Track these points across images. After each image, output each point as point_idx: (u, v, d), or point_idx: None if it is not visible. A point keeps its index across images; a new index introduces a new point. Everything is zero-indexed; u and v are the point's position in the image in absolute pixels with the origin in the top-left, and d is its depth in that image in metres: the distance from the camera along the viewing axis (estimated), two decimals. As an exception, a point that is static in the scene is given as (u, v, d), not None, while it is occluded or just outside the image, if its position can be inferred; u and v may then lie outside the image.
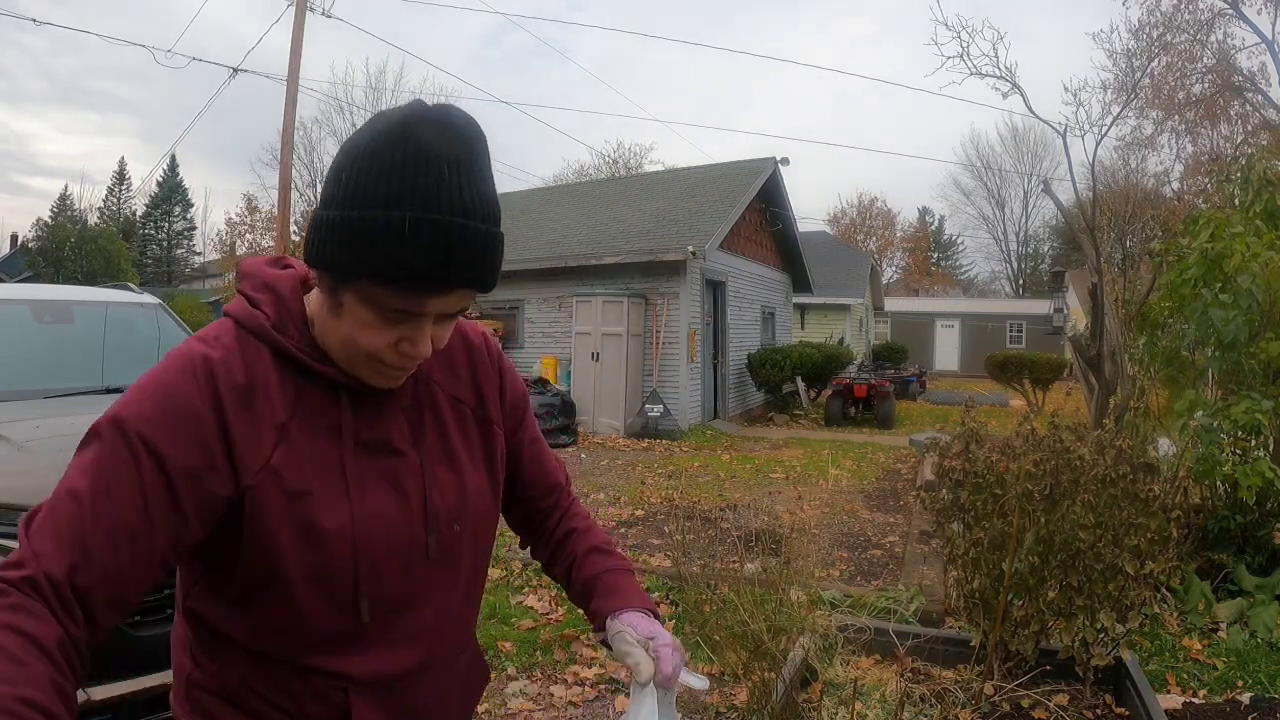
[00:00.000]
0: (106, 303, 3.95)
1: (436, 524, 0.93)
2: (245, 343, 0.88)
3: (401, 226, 0.76)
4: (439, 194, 0.77)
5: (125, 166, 58.42)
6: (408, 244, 0.76)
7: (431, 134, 0.78)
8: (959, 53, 6.99)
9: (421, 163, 0.77)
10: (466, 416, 1.02)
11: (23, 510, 2.19)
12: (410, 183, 0.77)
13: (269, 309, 0.90)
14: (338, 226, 0.79)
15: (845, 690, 2.57)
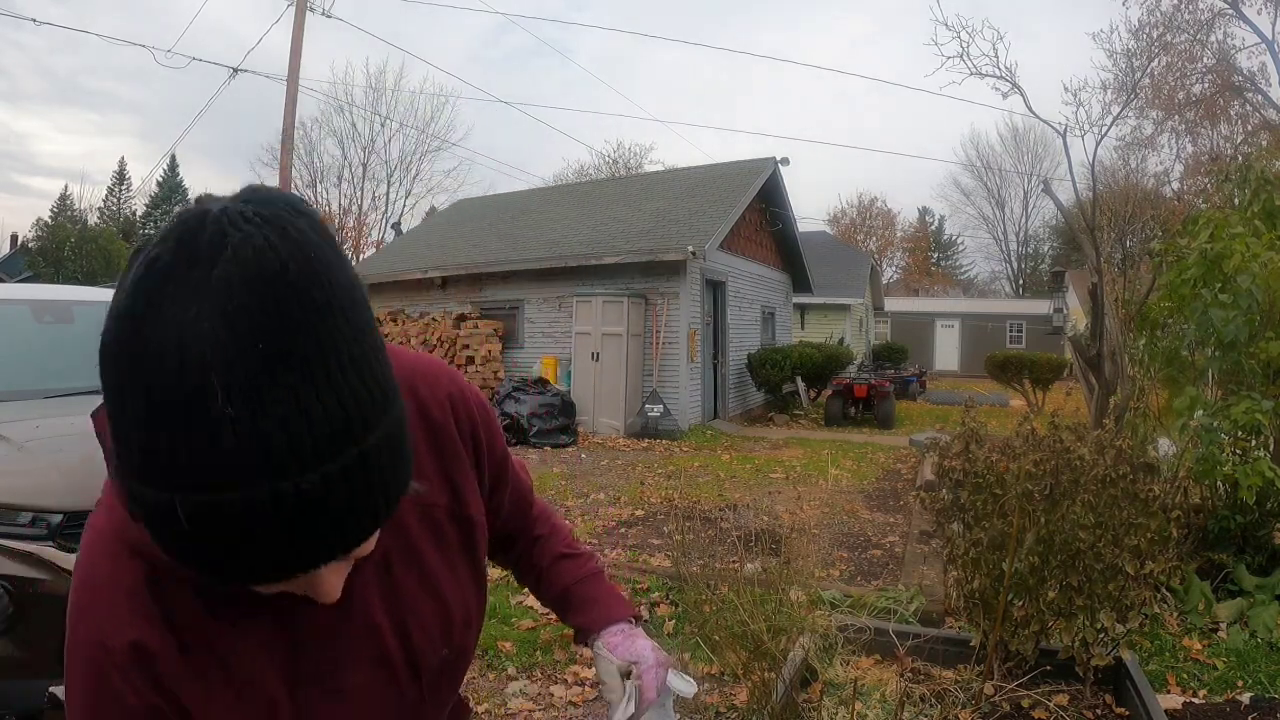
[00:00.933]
0: (106, 303, 3.95)
1: (421, 665, 0.79)
2: (151, 585, 0.64)
3: (172, 513, 0.47)
4: (205, 453, 0.45)
5: (125, 166, 58.37)
6: (194, 538, 0.48)
7: (178, 313, 0.45)
8: (959, 53, 6.99)
9: (164, 389, 0.45)
10: (440, 522, 0.82)
11: (23, 510, 2.19)
12: (155, 434, 0.46)
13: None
14: (134, 502, 0.52)
15: (845, 690, 2.57)
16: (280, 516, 0.47)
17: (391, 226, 26.64)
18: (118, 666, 0.62)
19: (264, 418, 0.45)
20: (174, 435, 0.45)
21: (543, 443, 9.94)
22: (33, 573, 2.12)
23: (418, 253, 14.83)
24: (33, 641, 2.11)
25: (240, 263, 0.45)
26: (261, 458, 0.45)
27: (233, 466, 0.45)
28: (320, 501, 0.48)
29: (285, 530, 0.48)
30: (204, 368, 0.44)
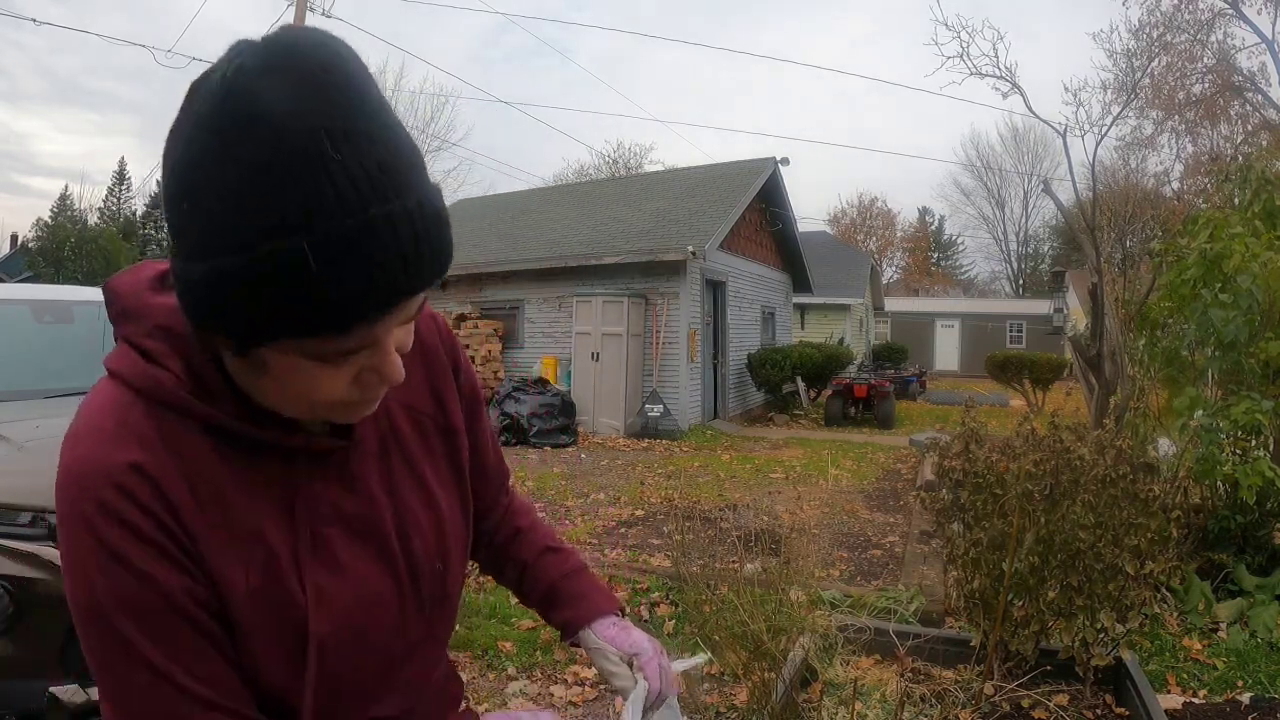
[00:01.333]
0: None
1: (420, 574, 0.81)
2: (158, 421, 0.66)
3: (302, 257, 0.53)
4: (332, 188, 0.53)
5: (125, 167, 58.40)
6: (320, 278, 0.54)
7: (281, 98, 0.53)
8: (959, 53, 7.00)
9: (288, 152, 0.52)
10: (428, 430, 0.86)
11: (23, 510, 2.19)
12: (284, 189, 0.53)
13: (174, 363, 0.67)
14: (212, 287, 0.56)
15: (845, 690, 2.57)
16: (393, 234, 0.56)
17: (391, 226, 26.58)
18: (117, 488, 0.63)
19: (358, 164, 0.54)
20: (294, 184, 0.53)
21: (543, 443, 9.94)
22: (33, 573, 2.12)
23: (418, 253, 14.81)
24: (33, 641, 2.11)
25: (314, 55, 0.55)
26: (369, 189, 0.54)
27: (350, 199, 0.54)
28: (412, 225, 0.57)
29: (396, 246, 0.56)
30: (311, 126, 0.53)
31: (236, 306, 0.56)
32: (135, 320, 0.69)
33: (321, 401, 0.66)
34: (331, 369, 0.63)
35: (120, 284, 0.71)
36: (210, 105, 0.54)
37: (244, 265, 0.54)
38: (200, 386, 0.67)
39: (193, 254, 0.57)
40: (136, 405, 0.66)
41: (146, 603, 0.63)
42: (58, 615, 2.13)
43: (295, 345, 0.60)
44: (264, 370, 0.64)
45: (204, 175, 0.54)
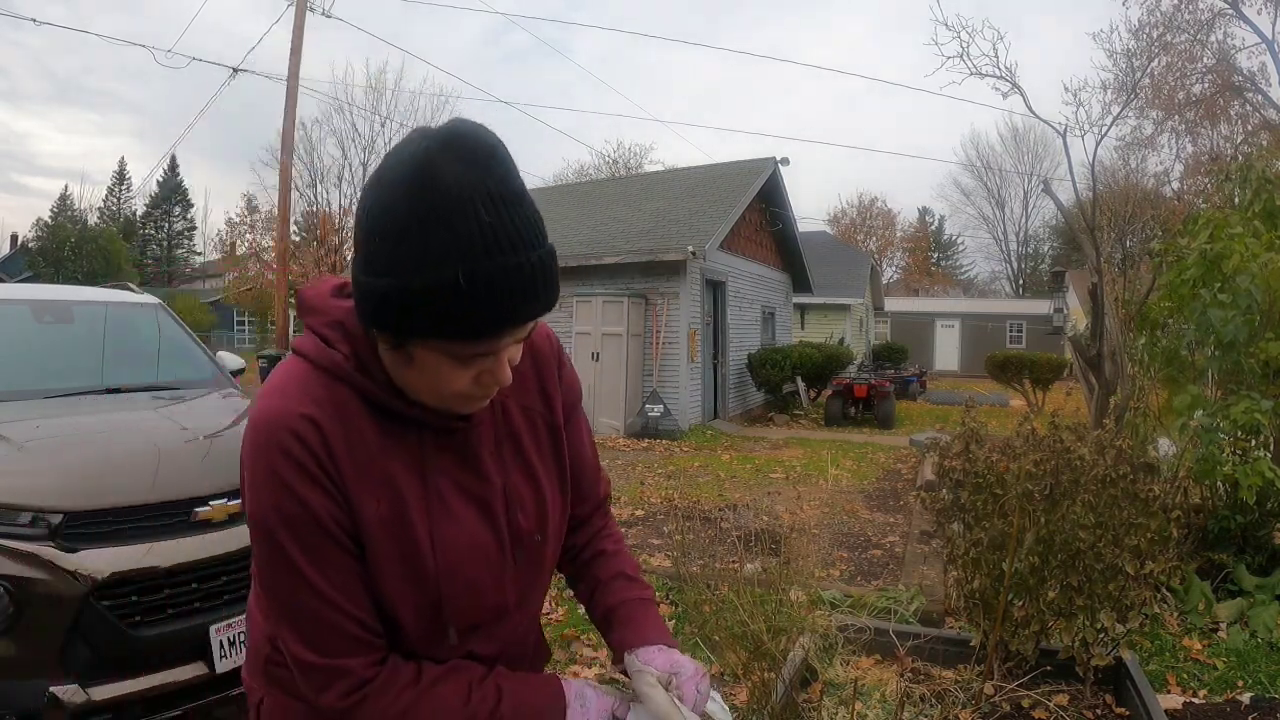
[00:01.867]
0: (106, 303, 3.95)
1: (521, 543, 0.98)
2: (329, 387, 0.87)
3: (455, 283, 0.74)
4: (481, 238, 0.74)
5: (125, 166, 58.38)
6: (466, 299, 0.74)
7: (452, 171, 0.73)
8: (959, 53, 6.99)
9: (453, 209, 0.73)
10: (538, 425, 1.03)
11: (23, 510, 2.19)
12: (449, 234, 0.73)
13: (344, 347, 0.88)
14: (387, 296, 0.77)
15: (845, 690, 2.56)
16: (520, 276, 0.76)
17: (392, 226, 26.57)
18: (293, 433, 0.83)
19: (502, 224, 0.75)
20: (458, 232, 0.73)
21: (543, 443, 9.93)
22: (33, 573, 2.12)
23: (418, 253, 14.80)
24: (33, 641, 2.11)
25: (476, 145, 0.76)
26: (508, 242, 0.75)
27: (493, 248, 0.74)
28: (534, 271, 0.77)
29: (521, 285, 0.76)
30: (471, 194, 0.74)
31: (404, 311, 0.76)
32: (318, 314, 0.91)
33: (448, 392, 0.85)
34: (460, 367, 0.82)
35: (309, 290, 0.94)
36: (401, 171, 0.75)
37: (417, 283, 0.75)
38: (362, 367, 0.88)
39: (379, 272, 0.77)
40: (314, 375, 0.88)
41: (302, 522, 0.83)
42: (58, 615, 2.13)
43: (438, 345, 0.79)
44: (410, 362, 0.83)
45: (394, 220, 0.75)
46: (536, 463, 1.01)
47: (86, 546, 2.20)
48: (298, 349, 0.91)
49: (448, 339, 0.78)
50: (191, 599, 2.36)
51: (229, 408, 3.40)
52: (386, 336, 0.82)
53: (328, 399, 0.86)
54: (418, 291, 0.74)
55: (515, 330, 0.81)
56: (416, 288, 0.74)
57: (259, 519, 0.84)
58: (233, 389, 3.77)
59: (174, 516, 2.38)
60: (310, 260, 26.81)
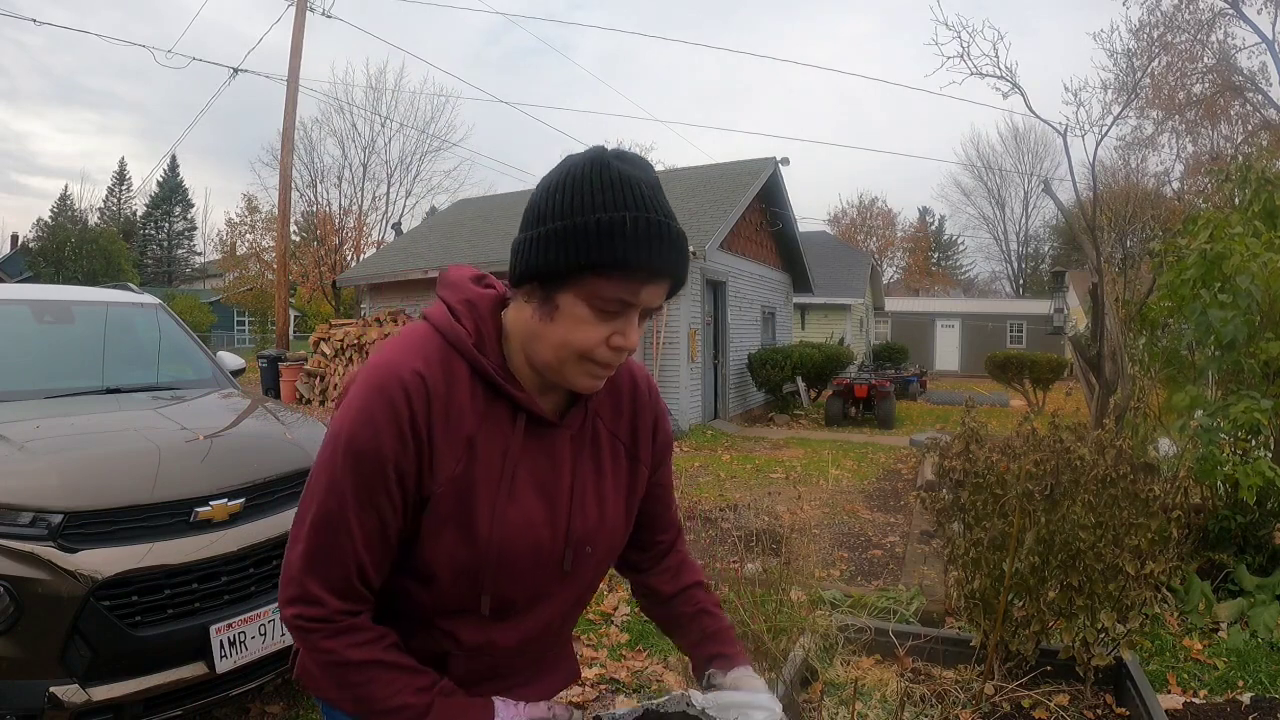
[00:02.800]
0: (107, 303, 3.95)
1: (573, 545, 1.05)
2: (446, 355, 0.97)
3: (624, 223, 0.89)
4: (645, 202, 0.91)
5: (125, 166, 58.37)
6: (629, 237, 0.89)
7: (625, 166, 0.93)
8: (959, 53, 6.98)
9: (626, 182, 0.92)
10: (620, 453, 1.13)
11: (23, 510, 2.19)
12: (622, 195, 0.90)
13: (469, 324, 0.99)
14: (561, 233, 0.90)
15: (845, 690, 2.57)
16: (670, 232, 0.92)
17: (392, 226, 26.60)
18: (402, 383, 0.93)
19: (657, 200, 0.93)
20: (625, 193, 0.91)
21: (543, 443, 9.94)
22: (33, 573, 2.12)
23: (418, 253, 14.81)
24: (33, 641, 2.11)
25: (638, 158, 0.96)
26: (662, 211, 0.93)
27: (653, 209, 0.92)
28: (679, 236, 0.94)
29: (671, 240, 0.92)
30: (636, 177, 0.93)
31: (573, 244, 0.89)
32: (454, 290, 1.02)
33: (580, 350, 0.94)
34: (599, 322, 0.93)
35: (452, 269, 1.06)
36: (576, 160, 0.94)
37: (591, 220, 0.89)
38: (481, 345, 0.99)
39: (552, 219, 0.91)
40: (435, 340, 0.99)
41: (370, 461, 0.91)
42: (58, 615, 2.13)
43: (588, 288, 0.91)
44: (553, 315, 0.94)
45: (579, 182, 0.92)
46: (609, 481, 1.10)
47: (86, 546, 2.20)
48: (428, 316, 1.02)
49: (604, 273, 0.90)
50: (191, 599, 2.36)
51: (229, 408, 3.40)
52: (539, 287, 0.93)
53: (440, 363, 0.96)
54: (590, 226, 0.89)
55: (655, 283, 0.93)
56: (590, 223, 0.89)
57: (337, 436, 0.93)
58: (233, 389, 3.77)
59: (174, 516, 2.38)
60: (310, 260, 26.82)
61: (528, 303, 0.96)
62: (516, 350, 1.00)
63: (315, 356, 13.91)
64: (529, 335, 0.97)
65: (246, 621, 2.44)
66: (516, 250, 0.95)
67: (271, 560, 2.56)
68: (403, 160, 29.64)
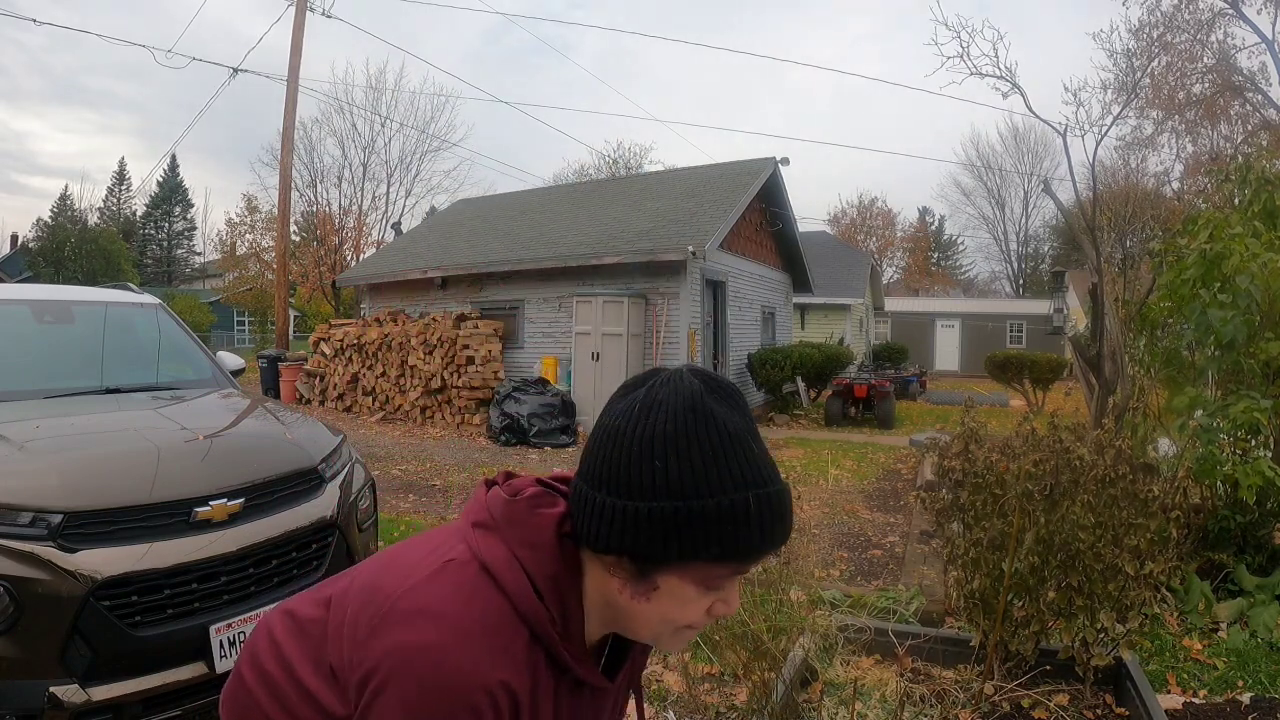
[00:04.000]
0: (106, 303, 3.95)
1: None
2: (530, 651, 0.82)
3: (746, 507, 0.79)
4: (759, 468, 0.81)
5: (125, 166, 58.35)
6: (752, 521, 0.79)
7: (724, 411, 0.81)
8: (959, 53, 6.99)
9: (736, 443, 0.80)
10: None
11: (23, 510, 2.19)
12: (738, 464, 0.79)
13: (555, 608, 0.84)
14: (673, 518, 0.78)
15: (845, 690, 2.57)
16: (783, 501, 0.82)
17: (391, 226, 26.59)
18: (493, 702, 0.77)
19: (764, 457, 0.83)
20: (742, 461, 0.80)
21: (543, 443, 9.94)
22: (33, 573, 2.12)
23: (418, 253, 14.82)
24: (33, 641, 2.11)
25: (731, 390, 0.85)
26: (772, 473, 0.82)
27: (768, 478, 0.81)
28: (787, 498, 0.83)
29: (784, 509, 0.82)
30: (742, 429, 0.82)
31: (690, 533, 0.78)
32: (536, 554, 0.85)
33: (679, 625, 0.85)
34: (704, 595, 0.83)
35: (528, 513, 0.87)
36: (682, 409, 0.80)
37: (711, 505, 0.78)
38: (564, 630, 0.85)
39: (660, 496, 0.78)
40: (516, 626, 0.81)
41: None
42: (58, 615, 2.13)
43: (702, 569, 0.81)
44: (650, 595, 0.83)
45: (685, 448, 0.78)
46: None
47: (86, 546, 2.20)
48: (501, 580, 0.83)
49: (721, 560, 0.80)
50: (191, 599, 2.36)
51: (229, 408, 3.40)
52: (633, 564, 0.81)
53: (526, 664, 0.81)
54: (711, 512, 0.78)
55: (768, 554, 0.84)
56: (710, 509, 0.78)
57: None
58: (232, 389, 3.77)
59: (174, 516, 2.38)
60: (310, 260, 26.82)
61: (611, 575, 0.84)
62: (590, 614, 0.88)
63: (315, 356, 13.91)
64: (616, 610, 0.86)
65: (246, 621, 2.44)
66: (595, 513, 0.81)
67: (271, 560, 2.56)
68: (403, 160, 29.65)
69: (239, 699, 0.98)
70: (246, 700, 0.96)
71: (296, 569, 2.65)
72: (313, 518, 2.72)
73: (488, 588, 0.82)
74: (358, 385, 12.90)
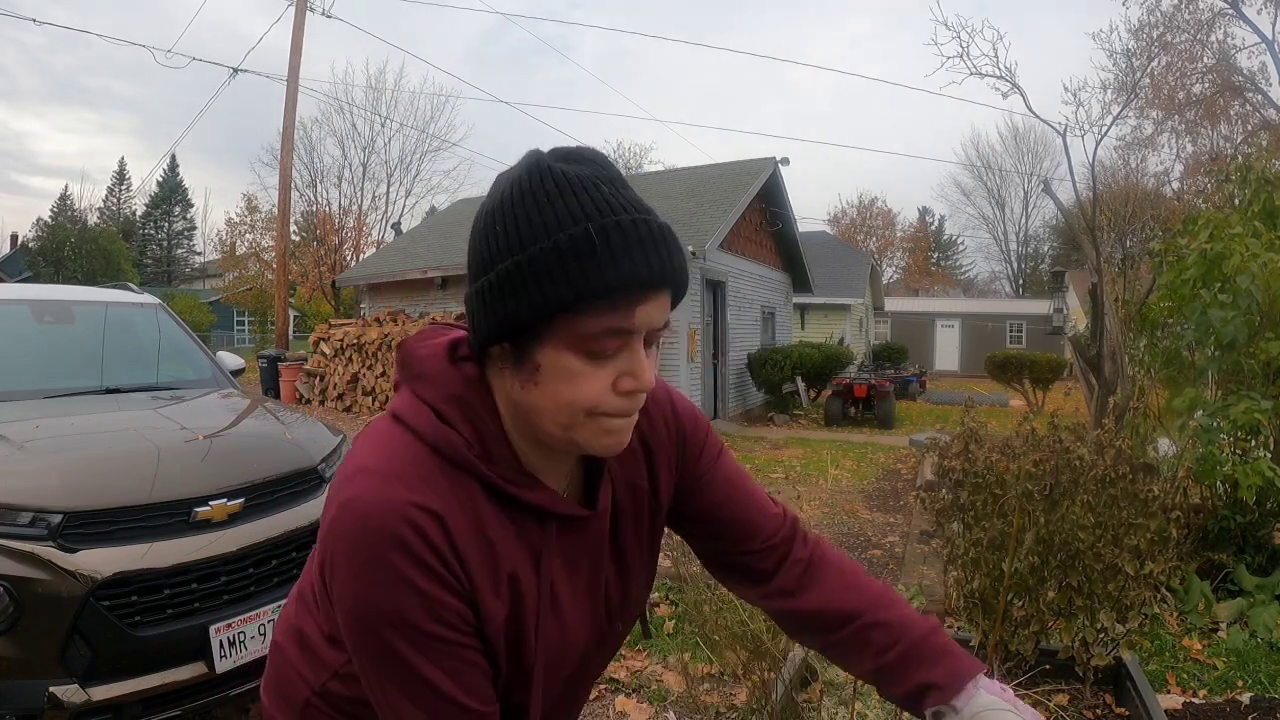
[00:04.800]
0: (106, 303, 3.95)
1: (606, 630, 0.94)
2: (452, 479, 0.77)
3: (587, 237, 0.71)
4: (606, 202, 0.73)
5: (125, 166, 58.36)
6: (599, 253, 0.71)
7: (567, 166, 0.75)
8: (959, 53, 6.99)
9: (575, 186, 0.73)
10: (641, 504, 0.95)
11: (23, 510, 2.19)
12: (576, 202, 0.72)
13: (465, 429, 0.79)
14: (515, 274, 0.72)
15: (845, 690, 2.57)
16: (647, 230, 0.73)
17: (391, 226, 26.61)
18: (409, 528, 0.72)
19: (622, 197, 0.75)
20: (579, 198, 0.73)
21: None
22: (33, 573, 2.12)
23: (418, 253, 14.82)
24: (33, 641, 2.11)
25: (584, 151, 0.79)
26: (631, 207, 0.74)
27: (618, 209, 0.73)
28: (660, 230, 0.74)
29: (650, 238, 0.73)
30: (587, 175, 0.74)
31: (533, 284, 0.71)
32: (431, 384, 0.81)
33: (582, 406, 0.75)
34: (593, 365, 0.75)
35: (419, 349, 0.84)
36: (514, 174, 0.76)
37: (547, 245, 0.71)
38: (487, 452, 0.79)
39: (496, 261, 0.73)
40: (430, 458, 0.77)
41: (428, 625, 0.73)
42: (58, 615, 2.13)
43: (569, 332, 0.73)
44: (536, 378, 0.75)
45: (520, 203, 0.73)
46: (631, 549, 0.95)
47: (86, 546, 2.20)
48: (406, 420, 0.80)
49: (581, 309, 0.71)
50: (191, 599, 2.36)
51: (229, 408, 3.41)
52: (511, 348, 0.76)
53: (449, 490, 0.76)
54: (548, 253, 0.71)
55: (647, 298, 0.74)
56: (547, 249, 0.71)
57: (372, 625, 0.74)
58: (232, 389, 3.78)
59: (174, 516, 2.38)
60: (310, 260, 26.83)
61: (502, 370, 0.79)
62: (512, 431, 0.81)
63: (315, 356, 13.92)
64: (521, 410, 0.79)
65: (246, 621, 2.44)
66: (472, 308, 0.77)
67: (271, 560, 2.57)
68: (402, 160, 29.69)
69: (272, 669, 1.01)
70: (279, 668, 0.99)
71: (296, 569, 2.65)
72: (313, 518, 2.73)
73: (398, 433, 0.80)
74: (358, 385, 12.90)
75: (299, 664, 0.94)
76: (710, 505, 1.00)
